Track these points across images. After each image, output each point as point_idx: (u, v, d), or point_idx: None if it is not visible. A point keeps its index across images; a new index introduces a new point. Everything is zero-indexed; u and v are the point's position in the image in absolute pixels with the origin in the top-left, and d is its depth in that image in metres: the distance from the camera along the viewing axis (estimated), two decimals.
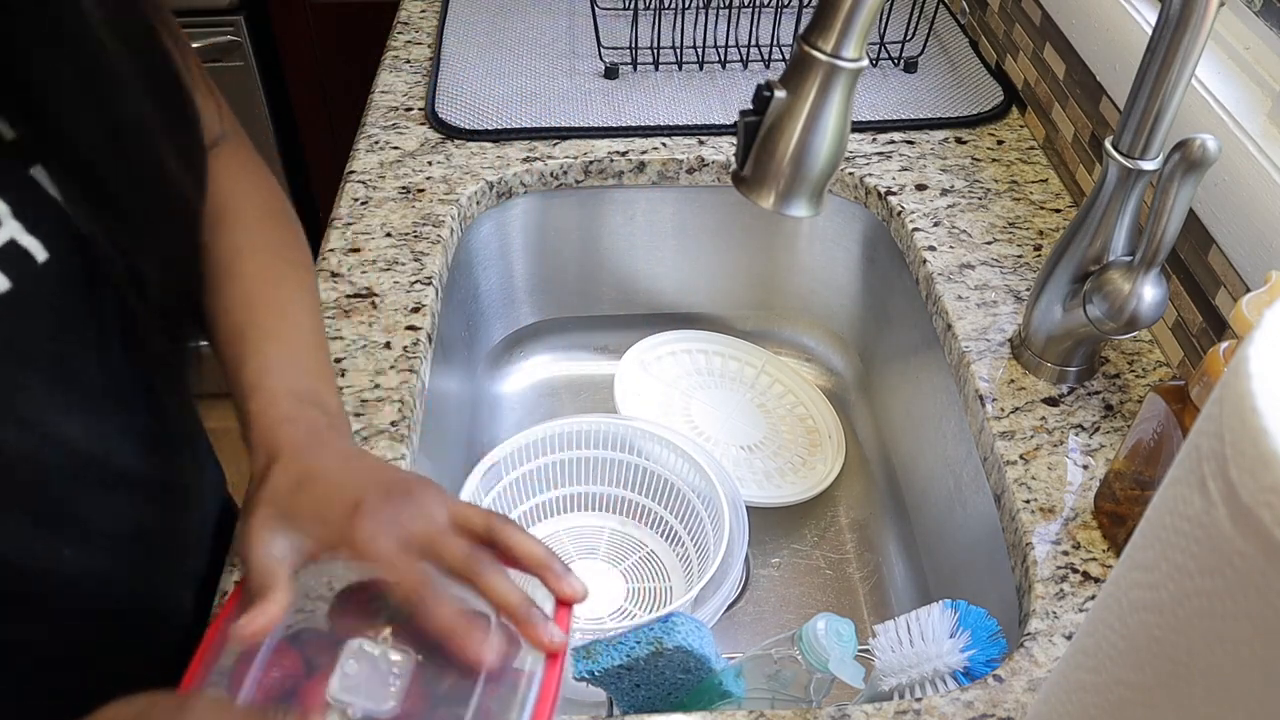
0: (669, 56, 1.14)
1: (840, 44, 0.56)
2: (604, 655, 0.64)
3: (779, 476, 1.00)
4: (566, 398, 1.09)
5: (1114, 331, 0.72)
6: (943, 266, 0.89)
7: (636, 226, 1.07)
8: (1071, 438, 0.75)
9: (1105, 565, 0.67)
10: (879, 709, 0.59)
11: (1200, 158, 0.61)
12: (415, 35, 1.20)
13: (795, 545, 0.97)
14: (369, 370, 0.79)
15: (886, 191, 0.98)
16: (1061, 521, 0.69)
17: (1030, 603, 0.65)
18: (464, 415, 1.02)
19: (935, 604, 0.66)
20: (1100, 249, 0.73)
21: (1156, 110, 0.66)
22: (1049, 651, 0.62)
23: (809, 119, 0.59)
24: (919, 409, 0.93)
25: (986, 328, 0.83)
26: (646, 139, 1.03)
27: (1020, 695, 0.60)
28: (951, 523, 0.85)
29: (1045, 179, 1.00)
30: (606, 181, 1.02)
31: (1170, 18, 0.62)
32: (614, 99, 1.08)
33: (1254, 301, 0.59)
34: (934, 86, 1.11)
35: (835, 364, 1.14)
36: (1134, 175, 0.69)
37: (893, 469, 1.00)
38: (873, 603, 0.93)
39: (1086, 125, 0.94)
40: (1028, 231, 0.93)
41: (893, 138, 1.05)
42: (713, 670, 0.65)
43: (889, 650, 0.65)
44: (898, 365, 1.01)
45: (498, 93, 1.08)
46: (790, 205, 0.61)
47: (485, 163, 1.00)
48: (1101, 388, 0.79)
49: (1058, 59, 1.00)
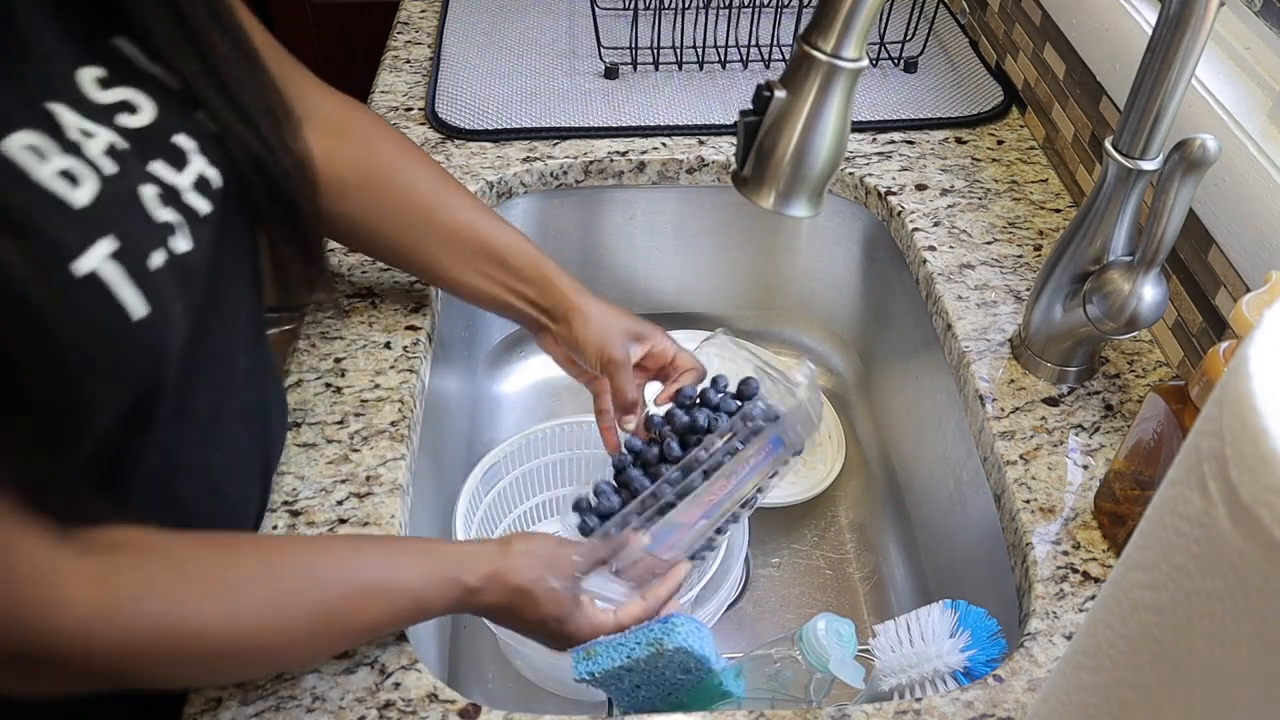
0: (669, 56, 1.14)
1: (840, 44, 0.56)
2: (604, 656, 0.64)
3: None
4: (566, 398, 1.09)
5: (1114, 331, 0.72)
6: (943, 266, 0.89)
7: (636, 226, 1.07)
8: (1071, 438, 0.75)
9: (1105, 565, 0.67)
10: (879, 709, 0.59)
11: (1200, 158, 0.61)
12: (415, 35, 1.20)
13: (795, 545, 0.97)
14: (369, 370, 0.79)
15: (886, 191, 0.98)
16: (1061, 521, 0.69)
17: (1030, 603, 0.65)
18: (464, 415, 1.02)
19: (935, 604, 0.66)
20: (1100, 249, 0.73)
21: (1156, 110, 0.66)
22: (1049, 651, 0.62)
23: (809, 119, 0.59)
24: (919, 409, 0.93)
25: (986, 328, 0.83)
26: (646, 139, 1.03)
27: (1020, 695, 0.60)
28: (951, 523, 0.85)
29: (1045, 179, 1.00)
30: (606, 181, 1.02)
31: (1170, 18, 0.62)
32: (614, 99, 1.08)
33: (1254, 301, 0.59)
34: (934, 86, 1.11)
35: (835, 364, 1.14)
36: (1134, 175, 0.69)
37: (893, 469, 1.00)
38: (873, 603, 0.93)
39: (1086, 125, 0.94)
40: (1028, 231, 0.93)
41: (893, 138, 1.05)
42: (713, 671, 0.65)
43: (889, 650, 0.65)
44: (898, 365, 1.01)
45: (498, 93, 1.08)
46: (790, 205, 0.61)
47: (485, 163, 1.00)
48: (1101, 388, 0.79)
49: (1058, 59, 1.00)
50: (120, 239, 0.47)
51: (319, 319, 0.83)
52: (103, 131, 0.49)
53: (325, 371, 0.79)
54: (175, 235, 0.51)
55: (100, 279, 0.46)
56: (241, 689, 0.59)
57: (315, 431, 0.74)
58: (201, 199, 0.53)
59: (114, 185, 0.48)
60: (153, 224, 0.50)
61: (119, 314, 0.47)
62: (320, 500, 0.69)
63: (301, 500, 0.69)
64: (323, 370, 0.79)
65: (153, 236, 0.50)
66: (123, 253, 0.47)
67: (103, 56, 0.51)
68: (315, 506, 0.69)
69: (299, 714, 0.58)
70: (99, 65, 0.50)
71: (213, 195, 0.54)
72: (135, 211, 0.49)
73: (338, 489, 0.70)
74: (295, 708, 0.59)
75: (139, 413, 0.51)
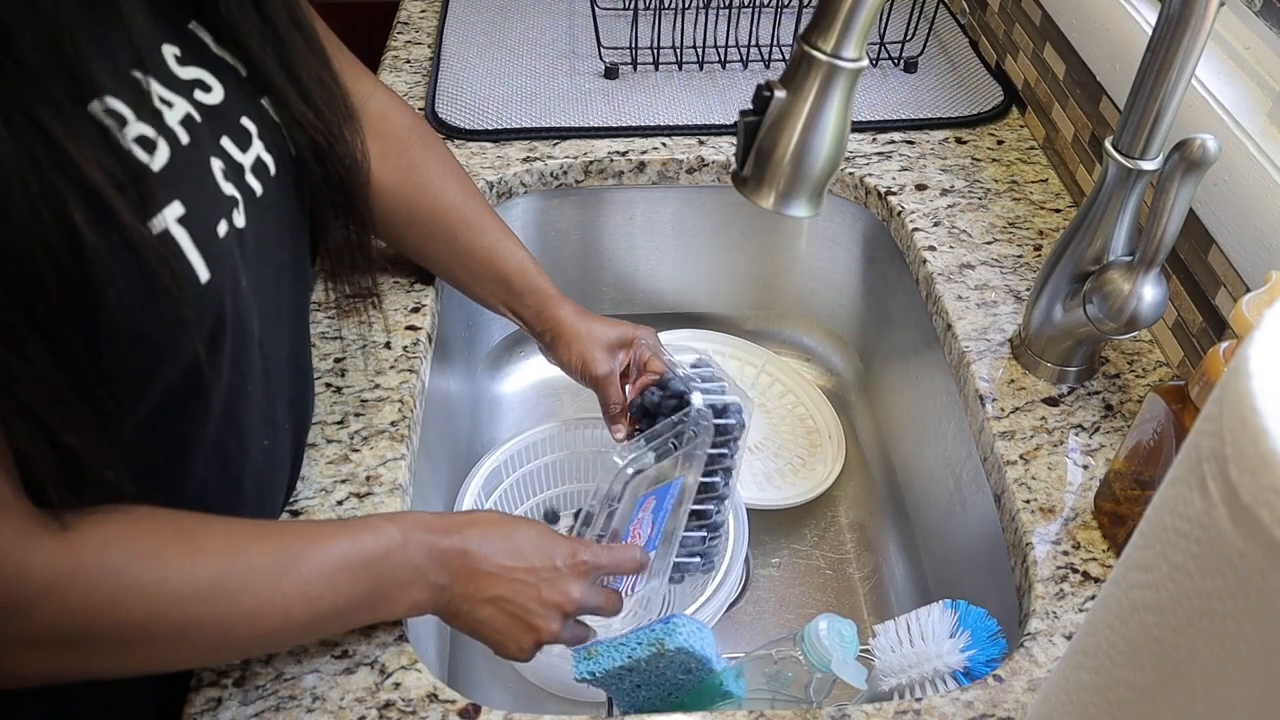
0: (669, 56, 1.14)
1: (840, 44, 0.56)
2: (606, 656, 0.64)
3: (779, 478, 1.00)
4: (566, 398, 1.09)
5: (1114, 331, 0.72)
6: (943, 266, 0.89)
7: (636, 226, 1.07)
8: (1071, 438, 0.75)
9: (1105, 565, 0.67)
10: (879, 709, 0.59)
11: (1200, 158, 0.61)
12: (415, 35, 1.20)
13: (795, 545, 0.97)
14: (369, 370, 0.79)
15: (886, 191, 0.98)
16: (1061, 521, 0.69)
17: (1030, 603, 0.65)
18: (464, 415, 1.01)
19: (935, 604, 0.65)
20: (1100, 249, 0.73)
21: (1156, 110, 0.66)
22: (1049, 651, 0.62)
23: (809, 119, 0.59)
24: (919, 409, 0.93)
25: (986, 328, 0.83)
26: (646, 139, 1.03)
27: (1020, 695, 0.60)
28: (951, 523, 0.85)
29: (1045, 179, 1.00)
30: (606, 181, 1.02)
31: (1170, 18, 0.62)
32: (614, 99, 1.08)
33: (1254, 301, 0.59)
34: (934, 86, 1.11)
35: (835, 364, 1.14)
36: (1134, 175, 0.69)
37: (893, 469, 1.00)
38: (873, 603, 0.93)
39: (1086, 125, 0.94)
40: (1028, 231, 0.93)
41: (893, 138, 1.05)
42: (714, 671, 0.65)
43: (889, 650, 0.65)
44: (898, 365, 1.01)
45: (498, 93, 1.08)
46: (790, 205, 0.61)
47: (485, 163, 1.00)
48: (1101, 388, 0.79)
49: (1058, 59, 1.00)
50: (188, 205, 0.49)
51: (319, 319, 0.83)
52: (181, 102, 0.51)
53: (325, 371, 0.79)
54: (237, 209, 0.54)
55: (173, 238, 0.48)
56: (241, 689, 0.59)
57: (315, 431, 0.74)
58: (257, 181, 0.56)
59: (187, 154, 0.50)
60: (220, 195, 0.53)
61: (190, 274, 0.49)
62: (320, 500, 0.69)
63: (301, 500, 0.69)
64: (323, 370, 0.79)
65: (220, 206, 0.52)
66: (190, 218, 0.49)
67: (181, 36, 0.54)
68: (315, 506, 0.69)
69: (299, 714, 0.58)
70: (177, 44, 0.53)
71: (267, 179, 0.57)
72: (205, 181, 0.52)
73: (338, 489, 0.70)
74: (295, 708, 0.59)
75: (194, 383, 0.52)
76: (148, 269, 0.46)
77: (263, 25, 0.57)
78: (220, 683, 0.60)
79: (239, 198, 0.54)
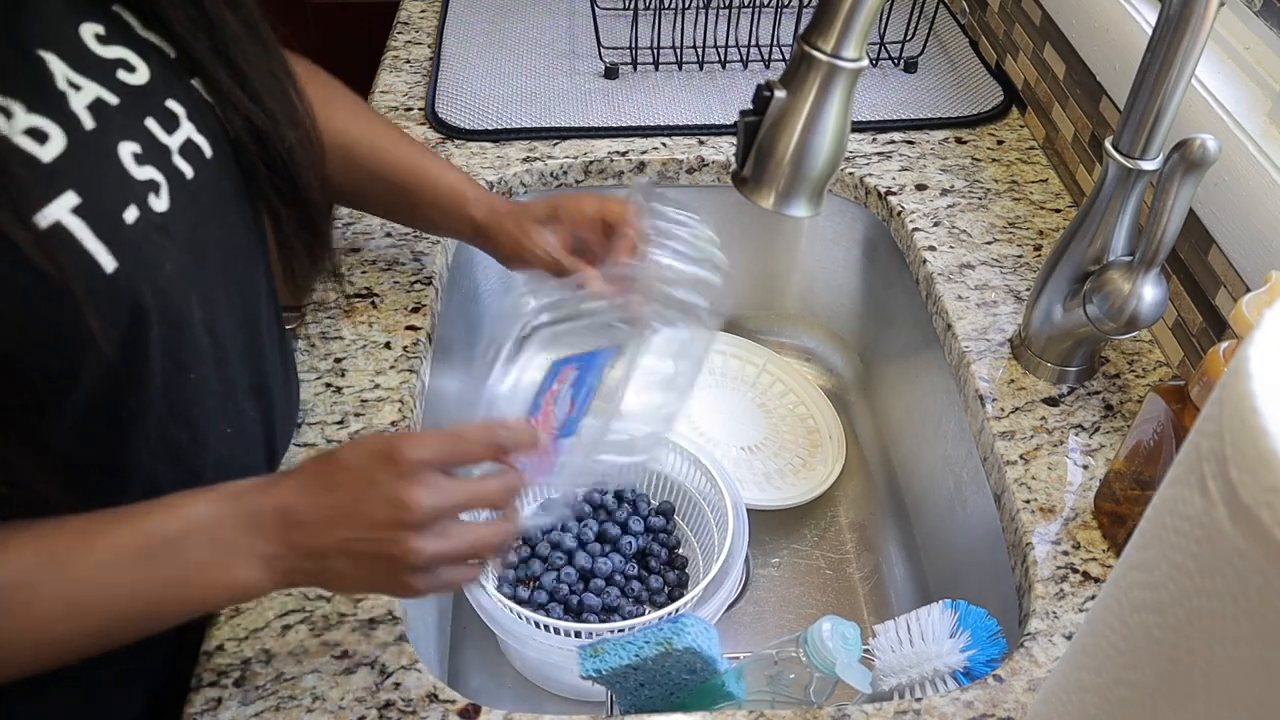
0: (669, 56, 1.14)
1: (840, 44, 0.56)
2: (612, 654, 0.64)
3: (779, 478, 1.00)
4: None
5: (1114, 331, 0.72)
6: (943, 266, 0.89)
7: None
8: (1071, 438, 0.75)
9: (1105, 565, 0.67)
10: (879, 709, 0.59)
11: (1200, 158, 0.61)
12: (415, 35, 1.20)
13: (795, 545, 0.97)
14: (369, 370, 0.79)
15: (886, 191, 0.98)
16: (1061, 521, 0.69)
17: (1030, 603, 0.65)
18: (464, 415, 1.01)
19: (935, 604, 0.65)
20: (1100, 249, 0.73)
21: (1156, 110, 0.66)
22: (1049, 651, 0.62)
23: (809, 119, 0.59)
24: (919, 409, 0.93)
25: (986, 328, 0.83)
26: (646, 139, 1.03)
27: (1020, 695, 0.60)
28: (951, 523, 0.85)
29: (1045, 179, 1.00)
30: (606, 181, 1.02)
31: (1170, 18, 0.62)
32: (614, 99, 1.08)
33: (1254, 301, 0.59)
34: (934, 86, 1.11)
35: (835, 364, 1.14)
36: (1134, 175, 0.69)
37: (893, 469, 1.00)
38: (873, 603, 0.93)
39: (1086, 125, 0.94)
40: (1028, 231, 0.93)
41: (893, 138, 1.05)
42: (718, 671, 0.65)
43: (889, 650, 0.65)
44: (898, 365, 1.01)
45: (498, 93, 1.08)
46: (790, 205, 0.61)
47: (485, 163, 1.00)
48: (1101, 388, 0.79)
49: (1058, 59, 1.00)
50: (84, 194, 0.48)
51: (319, 319, 0.83)
52: (91, 86, 0.50)
53: (325, 371, 0.79)
54: (154, 194, 0.52)
55: (66, 229, 0.47)
56: (241, 689, 0.59)
57: (315, 431, 0.74)
58: (187, 163, 0.54)
59: (88, 140, 0.49)
60: (128, 179, 0.51)
61: (90, 264, 0.47)
62: None
63: None
64: (323, 370, 0.79)
65: (125, 191, 0.50)
66: (87, 206, 0.48)
67: (105, 16, 0.53)
68: None
69: (299, 714, 0.58)
70: (100, 23, 0.52)
71: (199, 162, 0.55)
72: (107, 168, 0.50)
73: None
74: (295, 708, 0.59)
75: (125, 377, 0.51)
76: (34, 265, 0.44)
77: (191, 10, 0.55)
78: (220, 683, 0.60)
79: (161, 181, 0.52)
